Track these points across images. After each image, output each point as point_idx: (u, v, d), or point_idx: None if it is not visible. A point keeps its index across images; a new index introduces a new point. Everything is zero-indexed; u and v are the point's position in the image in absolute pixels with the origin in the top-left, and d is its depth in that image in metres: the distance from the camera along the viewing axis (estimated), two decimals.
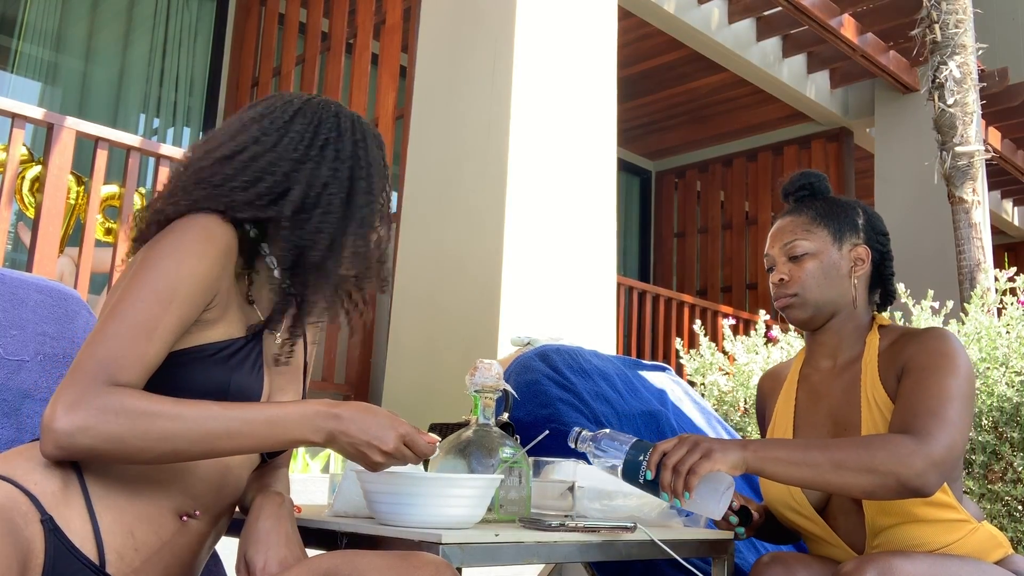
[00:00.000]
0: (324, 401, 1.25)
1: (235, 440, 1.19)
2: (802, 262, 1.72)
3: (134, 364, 1.18)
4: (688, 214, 8.88)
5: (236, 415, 1.19)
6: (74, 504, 1.18)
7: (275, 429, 1.20)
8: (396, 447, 1.23)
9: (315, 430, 1.22)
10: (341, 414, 1.22)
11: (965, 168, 4.88)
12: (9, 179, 3.42)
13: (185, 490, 1.28)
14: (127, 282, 1.24)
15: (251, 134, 1.36)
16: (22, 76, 5.63)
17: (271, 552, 1.28)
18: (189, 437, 1.16)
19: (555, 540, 1.41)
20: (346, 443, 1.22)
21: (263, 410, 1.22)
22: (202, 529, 1.31)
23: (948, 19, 4.92)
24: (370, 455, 1.23)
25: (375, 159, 1.42)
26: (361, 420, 1.23)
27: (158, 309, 1.21)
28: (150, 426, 1.14)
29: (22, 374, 1.54)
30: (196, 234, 1.26)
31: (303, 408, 1.22)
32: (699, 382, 4.15)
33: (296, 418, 1.21)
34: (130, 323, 1.19)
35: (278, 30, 5.99)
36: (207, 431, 1.17)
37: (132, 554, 1.21)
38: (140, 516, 1.23)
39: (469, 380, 1.60)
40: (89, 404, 1.12)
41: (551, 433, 2.23)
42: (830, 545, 1.67)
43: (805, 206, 1.78)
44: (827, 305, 1.72)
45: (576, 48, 4.36)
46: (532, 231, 3.97)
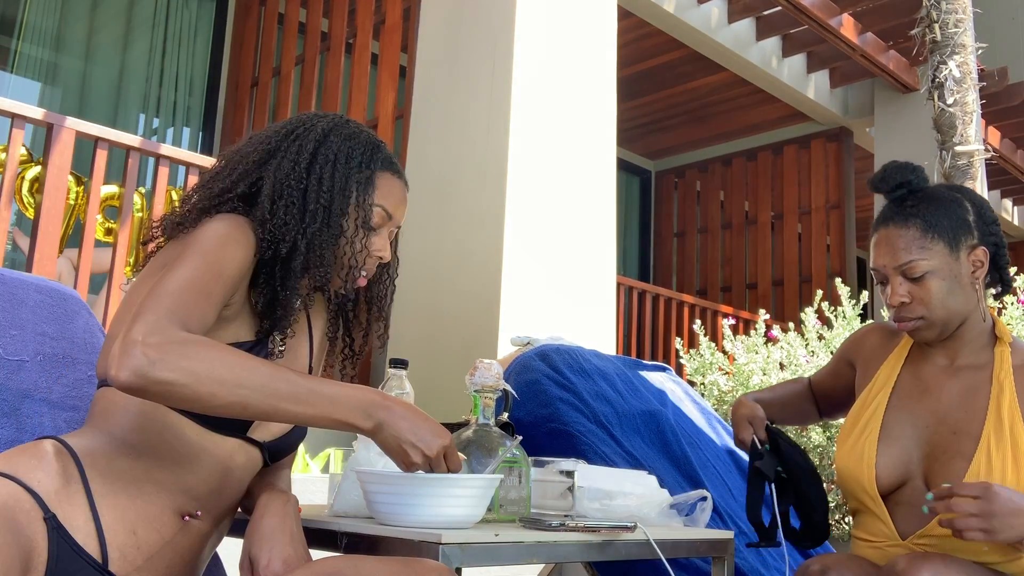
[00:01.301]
0: (379, 392, 1.25)
1: (298, 407, 1.18)
2: (924, 282, 1.60)
3: (198, 319, 1.20)
4: (688, 214, 8.88)
5: (305, 384, 1.20)
6: (77, 502, 1.18)
7: (334, 406, 1.20)
8: (437, 455, 1.24)
9: (366, 417, 1.21)
10: (394, 408, 1.23)
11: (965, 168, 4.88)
12: (9, 179, 3.42)
13: (187, 490, 1.28)
14: (179, 253, 1.27)
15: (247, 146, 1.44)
16: (22, 76, 5.63)
17: (275, 550, 1.28)
18: (261, 392, 1.16)
19: (555, 540, 1.41)
20: (391, 436, 1.22)
21: (328, 386, 1.21)
22: (204, 529, 1.31)
23: (948, 19, 4.92)
24: (411, 455, 1.23)
25: (339, 154, 1.39)
26: (412, 420, 1.23)
27: (211, 277, 1.24)
28: (228, 372, 1.14)
29: (22, 374, 1.54)
30: (232, 224, 1.31)
31: (361, 393, 1.22)
32: (699, 382, 4.15)
33: (354, 401, 1.21)
34: (190, 281, 1.22)
35: (278, 30, 5.99)
36: (275, 391, 1.17)
37: (135, 552, 1.21)
38: (142, 515, 1.23)
39: (469, 380, 1.60)
40: (172, 340, 1.13)
41: (551, 433, 2.23)
42: (879, 521, 1.65)
43: (911, 213, 1.64)
44: (955, 318, 1.64)
45: (576, 48, 4.36)
46: (532, 231, 3.97)
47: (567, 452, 2.10)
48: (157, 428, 1.27)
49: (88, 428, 1.30)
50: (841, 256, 7.65)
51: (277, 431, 1.39)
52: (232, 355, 1.17)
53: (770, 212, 8.19)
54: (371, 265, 1.44)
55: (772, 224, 8.17)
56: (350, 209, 1.38)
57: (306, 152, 1.39)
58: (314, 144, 1.39)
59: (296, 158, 1.38)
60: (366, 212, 1.40)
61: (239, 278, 1.30)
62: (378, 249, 1.43)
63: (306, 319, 1.49)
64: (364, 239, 1.40)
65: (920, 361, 1.72)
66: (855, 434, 1.70)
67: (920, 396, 1.68)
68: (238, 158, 1.42)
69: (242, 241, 1.31)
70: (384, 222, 1.44)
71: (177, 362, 1.12)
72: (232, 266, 1.28)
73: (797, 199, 8.02)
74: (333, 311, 1.54)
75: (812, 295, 4.71)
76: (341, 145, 1.41)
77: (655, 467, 2.28)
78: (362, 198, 1.40)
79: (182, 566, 1.28)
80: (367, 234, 1.41)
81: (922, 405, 1.67)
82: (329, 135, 1.41)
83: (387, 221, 1.44)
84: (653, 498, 1.76)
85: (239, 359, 1.17)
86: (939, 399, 1.66)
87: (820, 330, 4.05)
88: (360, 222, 1.39)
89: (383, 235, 1.44)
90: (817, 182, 7.88)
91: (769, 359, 4.00)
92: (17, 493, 1.13)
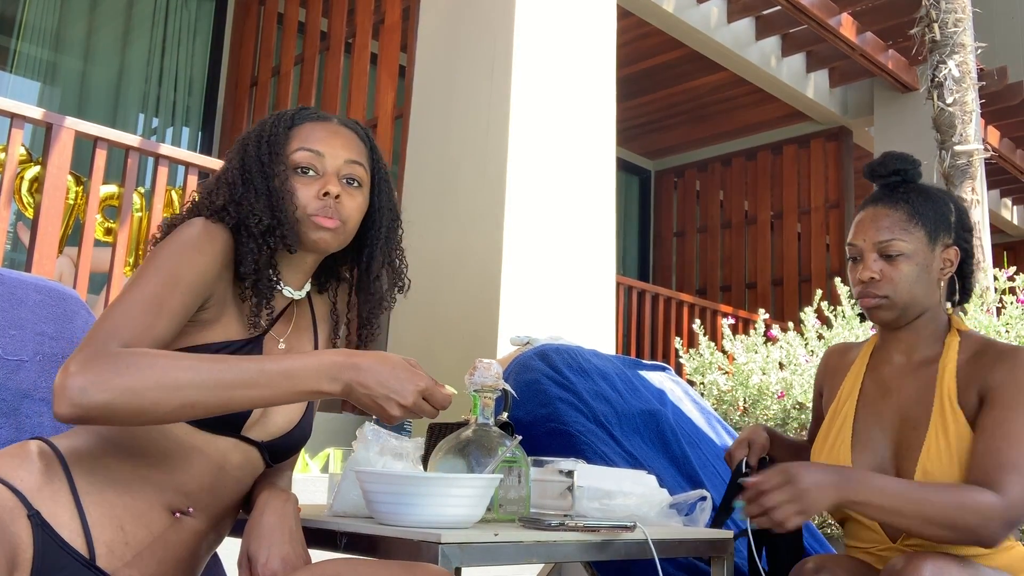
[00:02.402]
0: (343, 351, 1.23)
1: (251, 390, 1.17)
2: (896, 263, 1.65)
3: (143, 334, 1.19)
4: (687, 213, 8.88)
5: (251, 366, 1.18)
6: (61, 499, 1.19)
7: (291, 380, 1.18)
8: (415, 401, 1.21)
9: (332, 380, 1.19)
10: (360, 364, 1.20)
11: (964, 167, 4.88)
12: (8, 179, 3.42)
13: (177, 487, 1.28)
14: (139, 269, 1.28)
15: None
16: (21, 76, 5.62)
17: (274, 548, 1.28)
18: (205, 386, 1.14)
19: (554, 540, 1.41)
20: (363, 394, 1.20)
21: (279, 361, 1.20)
22: (198, 527, 1.31)
23: (947, 18, 4.92)
24: (387, 408, 1.20)
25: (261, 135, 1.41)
26: (379, 371, 1.20)
27: (163, 290, 1.23)
28: (164, 376, 1.13)
29: (21, 374, 1.54)
30: (194, 231, 1.31)
31: (320, 358, 1.20)
32: (698, 381, 4.15)
33: (313, 368, 1.19)
34: (137, 299, 1.22)
35: (277, 29, 5.99)
36: (222, 381, 1.15)
37: (123, 548, 1.21)
38: (130, 510, 1.23)
39: (468, 379, 1.60)
40: (100, 360, 1.12)
41: (550, 432, 2.23)
42: (867, 529, 1.67)
43: (901, 198, 1.69)
44: (914, 307, 1.67)
45: (575, 47, 4.36)
46: (531, 230, 3.97)
47: (567, 452, 2.10)
48: (144, 428, 1.27)
49: (78, 429, 1.30)
50: (841, 255, 7.65)
51: (275, 431, 1.39)
52: (169, 358, 1.16)
53: (769, 211, 8.20)
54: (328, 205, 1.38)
55: (771, 223, 8.17)
56: (273, 170, 1.38)
57: (234, 151, 1.43)
58: (239, 142, 1.43)
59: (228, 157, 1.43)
60: (286, 164, 1.39)
61: (202, 283, 1.29)
62: (321, 187, 1.39)
63: (310, 317, 1.49)
64: (290, 191, 1.38)
65: (880, 364, 1.76)
66: (828, 445, 1.74)
67: (883, 397, 1.72)
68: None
69: (204, 247, 1.30)
70: (315, 160, 1.41)
71: (110, 381, 1.10)
72: (192, 272, 1.27)
73: (796, 198, 8.02)
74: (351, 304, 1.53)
75: (811, 294, 4.71)
76: (260, 130, 1.43)
77: (655, 467, 2.28)
78: (279, 154, 1.40)
79: (174, 563, 1.27)
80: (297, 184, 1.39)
81: (885, 405, 1.71)
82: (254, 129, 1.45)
83: (319, 157, 1.41)
84: (653, 498, 1.75)
85: (177, 360, 1.16)
86: (899, 397, 1.70)
87: (820, 329, 4.06)
88: (284, 176, 1.38)
89: (328, 176, 1.40)
90: (816, 182, 7.89)
91: (768, 358, 4.00)
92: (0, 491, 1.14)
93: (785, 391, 3.83)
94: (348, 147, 1.44)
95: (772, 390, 3.86)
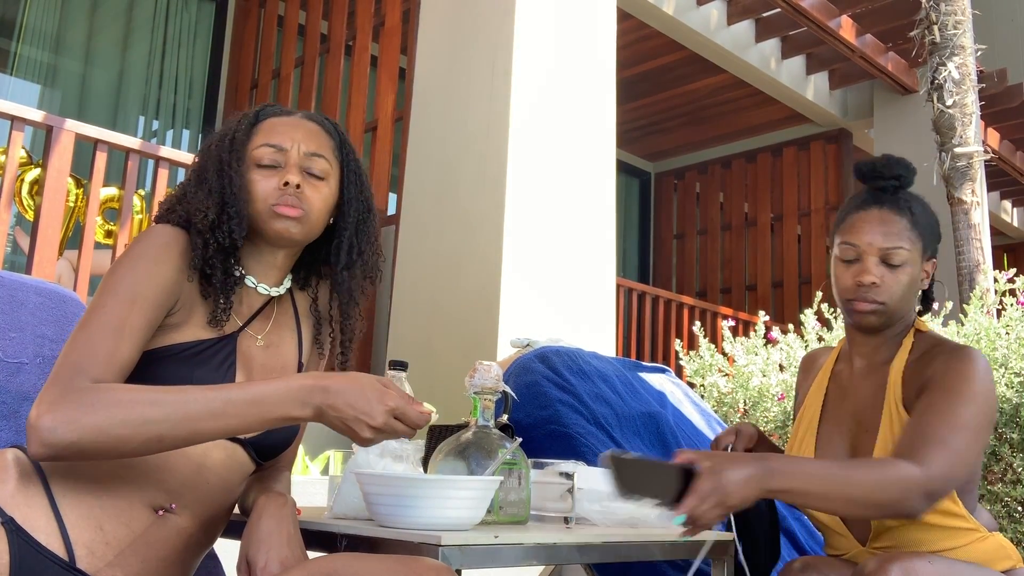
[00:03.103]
0: (312, 375, 1.22)
1: (219, 421, 1.17)
2: (897, 271, 1.63)
3: (107, 361, 1.20)
4: (687, 215, 8.88)
5: (217, 396, 1.18)
6: (36, 503, 1.19)
7: (259, 407, 1.18)
8: (384, 421, 1.19)
9: (301, 405, 1.19)
10: (329, 387, 1.19)
11: (964, 169, 4.88)
12: (8, 182, 3.42)
13: (157, 484, 1.27)
14: (94, 298, 1.28)
15: None
16: (21, 79, 5.63)
17: (272, 552, 1.28)
18: (170, 420, 1.15)
19: (555, 542, 1.41)
20: (334, 417, 1.19)
21: (245, 389, 1.20)
22: (182, 525, 1.30)
23: (947, 20, 4.93)
24: (358, 430, 1.19)
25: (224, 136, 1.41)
26: (348, 393, 1.19)
27: (122, 309, 1.24)
28: (129, 413, 1.14)
29: (21, 376, 1.54)
30: (151, 241, 1.32)
31: (288, 384, 1.20)
32: (699, 383, 4.15)
33: (281, 394, 1.18)
34: (97, 326, 1.23)
35: (277, 32, 5.99)
36: (187, 413, 1.16)
37: (103, 548, 1.21)
38: (108, 510, 1.23)
39: (468, 382, 1.60)
40: (68, 399, 1.14)
41: (550, 434, 2.23)
42: (839, 536, 1.68)
43: (904, 205, 1.67)
44: (899, 315, 1.68)
45: (575, 50, 4.36)
46: (531, 232, 3.97)
47: (567, 454, 2.10)
48: None
49: None
50: None
51: None
52: (135, 392, 1.17)
53: (769, 214, 8.20)
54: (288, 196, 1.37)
55: (772, 226, 8.17)
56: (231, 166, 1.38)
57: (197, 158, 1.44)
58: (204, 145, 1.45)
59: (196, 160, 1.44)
60: (246, 160, 1.39)
61: (164, 292, 1.29)
62: (281, 178, 1.38)
63: (293, 315, 1.49)
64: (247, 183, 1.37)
65: (843, 369, 1.77)
66: (795, 450, 1.75)
67: (842, 401, 1.73)
68: None
69: (161, 255, 1.30)
70: (278, 155, 1.40)
71: (78, 420, 1.12)
72: (150, 285, 1.27)
73: (796, 201, 8.02)
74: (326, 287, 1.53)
75: (812, 297, 4.71)
76: (224, 130, 1.43)
77: None
78: (241, 151, 1.39)
79: (159, 562, 1.27)
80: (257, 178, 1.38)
81: (843, 409, 1.72)
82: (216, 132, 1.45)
83: (281, 153, 1.40)
84: None
85: (142, 395, 1.16)
86: (855, 400, 1.71)
87: (820, 332, 4.05)
88: (243, 170, 1.38)
89: (290, 168, 1.39)
90: (816, 184, 7.89)
91: (769, 361, 4.00)
92: None
93: (785, 393, 3.83)
94: (310, 140, 1.43)
95: (772, 392, 3.86)
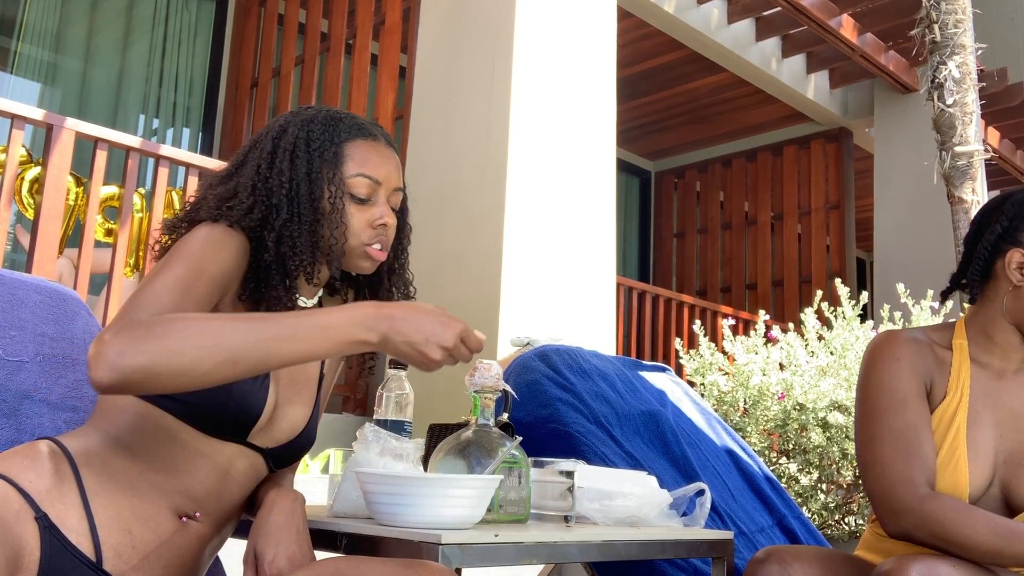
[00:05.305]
0: (374, 303, 1.22)
1: (290, 344, 1.15)
2: None
3: (173, 311, 1.18)
4: (687, 214, 8.88)
5: (289, 322, 1.17)
6: (70, 501, 1.18)
7: (329, 332, 1.17)
8: (455, 344, 1.21)
9: (368, 330, 1.18)
10: (393, 314, 1.19)
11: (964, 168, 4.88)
12: (8, 180, 3.42)
13: (185, 491, 1.28)
14: (162, 261, 1.26)
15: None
16: (21, 77, 5.63)
17: (281, 547, 1.28)
18: (244, 342, 1.13)
19: (555, 540, 1.41)
20: (401, 343, 1.19)
21: (313, 316, 1.18)
22: (203, 532, 1.31)
23: (947, 19, 4.92)
24: (429, 353, 1.19)
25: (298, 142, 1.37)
26: (416, 319, 1.19)
27: (190, 275, 1.23)
28: (202, 336, 1.11)
29: (21, 375, 1.53)
30: (216, 231, 1.30)
31: (353, 312, 1.19)
32: (699, 382, 4.15)
33: (347, 321, 1.18)
34: (162, 283, 1.21)
35: (277, 30, 5.99)
36: (261, 336, 1.14)
37: (130, 551, 1.21)
38: (138, 514, 1.23)
39: (468, 380, 1.60)
40: (135, 327, 1.11)
41: (550, 433, 2.23)
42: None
43: None
44: None
45: (575, 48, 4.36)
46: (532, 231, 3.97)
47: (567, 452, 2.10)
48: (152, 431, 1.27)
49: (86, 427, 1.30)
50: (841, 256, 7.66)
51: (281, 438, 1.38)
52: (203, 319, 1.15)
53: (770, 212, 8.20)
54: (382, 236, 1.39)
55: (772, 225, 8.17)
56: (324, 190, 1.35)
57: (266, 151, 1.38)
58: (272, 142, 1.38)
59: (258, 160, 1.38)
60: (341, 187, 1.36)
61: (224, 277, 1.28)
62: (377, 218, 1.38)
63: None
64: (342, 215, 1.35)
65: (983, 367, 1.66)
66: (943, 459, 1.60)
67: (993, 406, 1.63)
68: (226, 166, 1.44)
69: (228, 243, 1.29)
70: (373, 189, 1.39)
71: (146, 344, 1.09)
72: (215, 266, 1.27)
73: (797, 200, 8.02)
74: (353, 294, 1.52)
75: (812, 295, 4.71)
76: (299, 132, 1.38)
77: (655, 467, 2.28)
78: (334, 174, 1.36)
79: (180, 567, 1.27)
80: (352, 210, 1.37)
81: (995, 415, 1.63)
82: (286, 128, 1.39)
83: (377, 187, 1.39)
84: (653, 498, 1.75)
85: (213, 320, 1.15)
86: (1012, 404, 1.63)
87: (820, 330, 4.06)
88: (339, 200, 1.36)
89: (379, 202, 1.39)
90: (817, 183, 7.89)
91: (769, 359, 4.00)
92: (7, 492, 1.13)
93: (785, 392, 3.83)
94: (397, 174, 1.43)
95: (772, 391, 3.86)
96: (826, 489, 3.83)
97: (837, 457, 3.68)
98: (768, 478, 2.68)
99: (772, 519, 2.52)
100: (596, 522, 1.67)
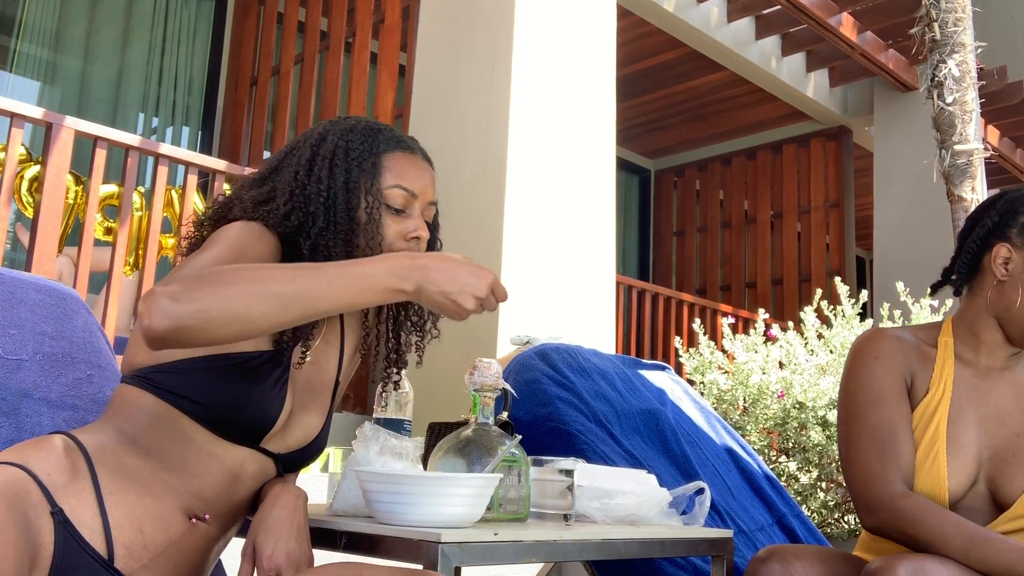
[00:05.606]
0: (406, 254, 1.25)
1: (334, 291, 1.17)
2: None
3: None
4: (687, 213, 8.88)
5: (331, 272, 1.19)
6: (85, 498, 1.18)
7: (369, 280, 1.19)
8: (487, 294, 1.24)
9: (403, 279, 1.20)
10: (426, 265, 1.22)
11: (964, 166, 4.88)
12: (8, 179, 3.42)
13: (196, 493, 1.28)
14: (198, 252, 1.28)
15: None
16: (21, 75, 5.62)
17: (280, 543, 1.28)
18: (292, 289, 1.15)
19: (554, 539, 1.42)
20: (436, 292, 1.22)
21: (352, 265, 1.21)
22: (212, 533, 1.31)
23: (947, 17, 4.92)
24: (462, 302, 1.22)
25: (337, 150, 1.39)
26: (449, 270, 1.22)
27: (231, 256, 1.25)
28: (252, 281, 1.13)
29: (21, 373, 1.53)
30: (253, 226, 1.33)
31: (387, 262, 1.22)
32: (698, 381, 4.15)
33: (383, 271, 1.20)
34: (205, 258, 1.24)
35: (277, 29, 5.99)
36: (307, 284, 1.16)
37: (141, 550, 1.21)
38: (150, 513, 1.23)
39: (468, 379, 1.60)
40: (186, 280, 1.13)
41: (550, 432, 2.23)
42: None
43: None
44: None
45: (575, 47, 4.36)
46: (531, 230, 3.97)
47: (566, 451, 2.10)
48: (166, 431, 1.27)
49: (100, 423, 1.30)
50: (840, 255, 7.66)
51: (293, 444, 1.39)
52: (252, 267, 1.18)
53: (769, 211, 8.20)
54: (414, 249, 1.41)
55: (771, 223, 8.17)
56: (361, 200, 1.37)
57: (304, 158, 1.39)
58: (311, 149, 1.40)
59: (296, 166, 1.39)
60: (378, 198, 1.38)
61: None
62: (411, 230, 1.40)
63: (339, 330, 1.49)
64: (379, 227, 1.37)
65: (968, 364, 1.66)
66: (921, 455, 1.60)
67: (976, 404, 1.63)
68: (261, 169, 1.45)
69: (265, 239, 1.33)
70: (409, 201, 1.41)
71: (200, 291, 1.10)
72: (254, 252, 1.29)
73: (796, 198, 8.02)
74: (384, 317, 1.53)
75: (811, 294, 4.71)
76: (338, 141, 1.40)
77: (654, 466, 2.29)
78: (371, 184, 1.38)
79: (188, 567, 1.28)
80: (387, 220, 1.39)
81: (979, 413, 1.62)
82: (325, 136, 1.41)
83: (412, 199, 1.41)
84: (652, 497, 1.75)
85: (260, 268, 1.18)
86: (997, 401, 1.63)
87: (819, 329, 4.06)
88: (375, 210, 1.38)
89: (414, 215, 1.41)
90: (816, 181, 7.89)
91: (768, 358, 4.00)
92: (27, 485, 1.13)
93: (785, 390, 3.83)
94: (432, 188, 1.45)
95: (772, 389, 3.87)
96: (825, 487, 3.84)
97: (836, 456, 3.69)
98: (768, 476, 2.68)
99: (772, 517, 2.52)
100: (596, 520, 1.67)
